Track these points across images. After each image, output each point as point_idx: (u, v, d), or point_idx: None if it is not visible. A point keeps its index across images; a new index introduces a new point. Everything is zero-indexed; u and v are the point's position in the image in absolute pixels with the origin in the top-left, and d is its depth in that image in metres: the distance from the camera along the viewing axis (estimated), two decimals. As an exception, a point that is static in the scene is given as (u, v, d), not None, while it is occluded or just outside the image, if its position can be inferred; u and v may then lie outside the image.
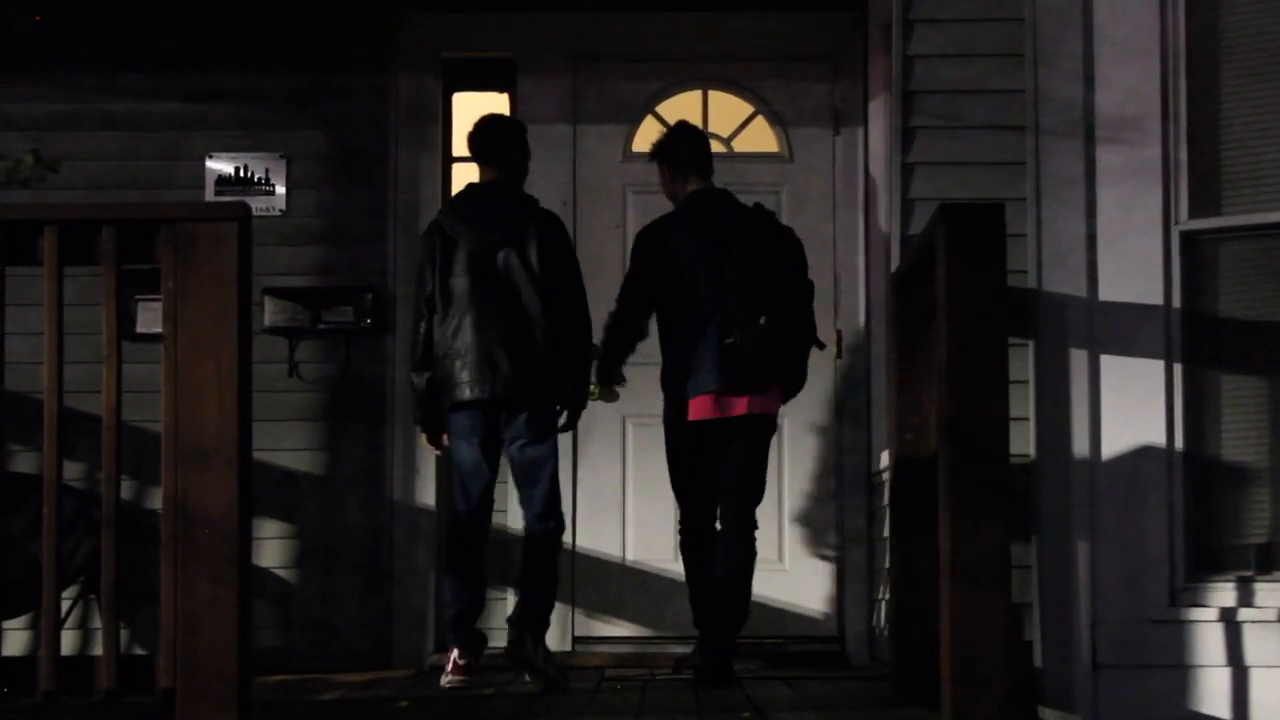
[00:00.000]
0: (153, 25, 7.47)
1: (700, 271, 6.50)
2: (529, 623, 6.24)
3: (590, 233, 7.59)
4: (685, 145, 6.74)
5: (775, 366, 6.44)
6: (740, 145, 7.72)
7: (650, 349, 7.36)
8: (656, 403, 7.38)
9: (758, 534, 6.53)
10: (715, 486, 6.54)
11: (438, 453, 6.65)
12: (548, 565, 6.35)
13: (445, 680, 6.32)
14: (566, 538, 7.27)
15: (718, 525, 6.56)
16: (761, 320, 6.35)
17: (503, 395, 6.26)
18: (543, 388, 6.31)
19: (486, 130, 6.50)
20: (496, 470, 6.41)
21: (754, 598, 6.87)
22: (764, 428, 6.56)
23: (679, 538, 6.75)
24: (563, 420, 6.46)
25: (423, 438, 6.62)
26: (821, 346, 6.64)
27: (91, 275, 4.52)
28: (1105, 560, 5.68)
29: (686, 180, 6.70)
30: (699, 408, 6.48)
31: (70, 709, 5.21)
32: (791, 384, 6.60)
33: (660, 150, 6.78)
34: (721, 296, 6.43)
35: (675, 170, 6.71)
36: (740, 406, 6.44)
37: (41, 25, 7.39)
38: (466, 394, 6.28)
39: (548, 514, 6.34)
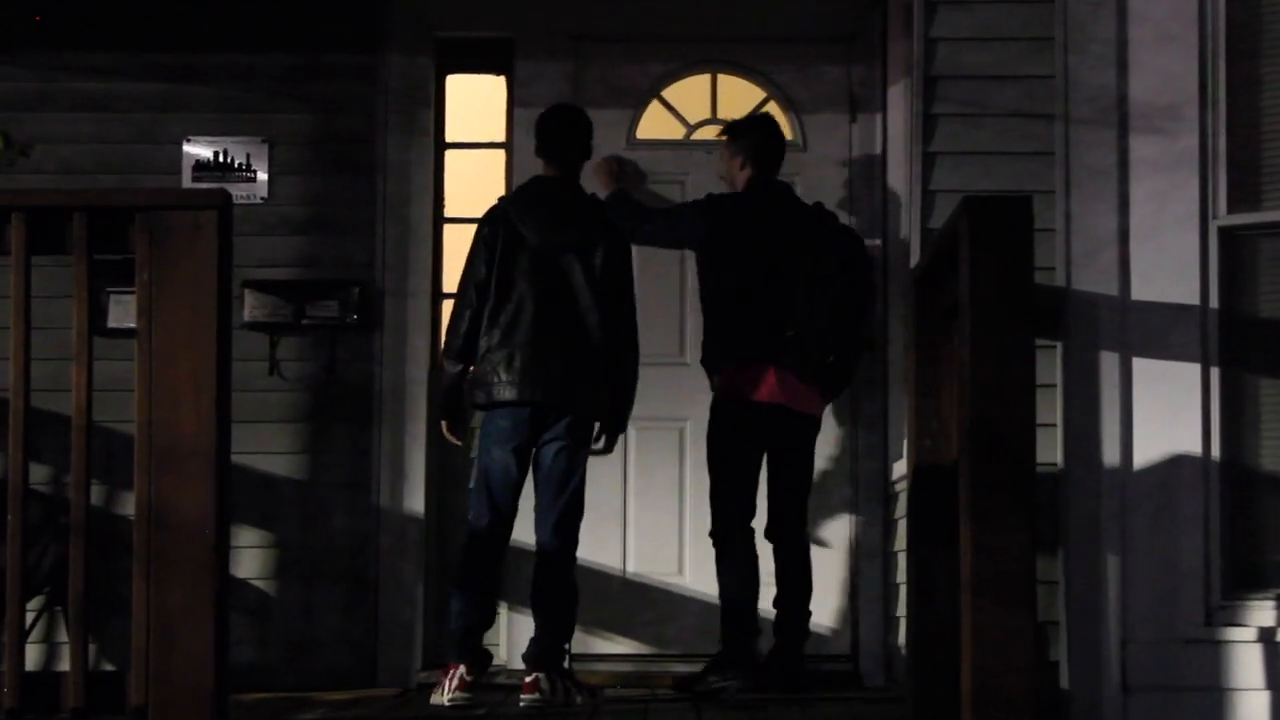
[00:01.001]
0: (128, 0, 7.47)
1: (769, 257, 6.70)
2: (549, 658, 6.27)
3: (591, 224, 7.57)
4: (774, 140, 6.99)
5: (826, 367, 6.69)
6: (750, 132, 7.70)
7: (655, 346, 7.35)
8: (659, 404, 7.38)
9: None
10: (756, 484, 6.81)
11: (458, 443, 6.69)
12: (566, 588, 6.37)
13: (447, 697, 6.33)
14: (564, 548, 7.29)
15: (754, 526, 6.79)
16: (823, 319, 6.61)
17: (548, 402, 6.29)
18: (590, 399, 6.36)
19: (561, 124, 6.57)
20: (525, 479, 6.44)
21: (762, 614, 6.89)
22: (816, 426, 6.92)
23: (721, 538, 6.72)
24: (600, 443, 6.54)
25: (441, 429, 6.66)
26: (870, 351, 6.91)
27: (61, 266, 4.52)
28: (1137, 576, 5.67)
29: (758, 172, 6.95)
30: (769, 389, 6.60)
31: (35, 727, 5.20)
32: (834, 387, 6.90)
33: (742, 134, 6.99)
34: (785, 287, 6.63)
35: (753, 161, 6.93)
36: (805, 398, 6.67)
37: (41, 22, 7.40)
38: (510, 394, 6.30)
39: (563, 529, 6.36)
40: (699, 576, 7.43)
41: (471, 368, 6.45)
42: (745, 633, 6.66)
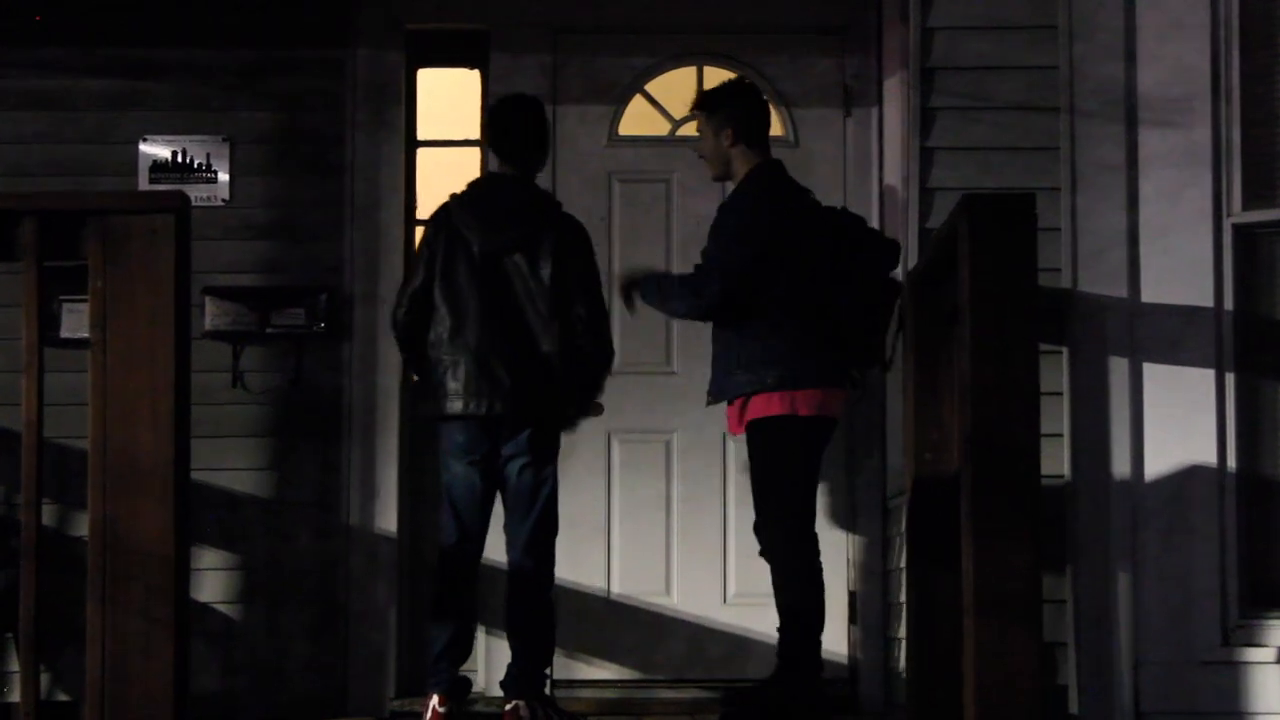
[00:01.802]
0: (80, -8, 7.46)
1: (804, 255, 6.38)
2: (529, 684, 6.25)
3: (571, 226, 7.57)
4: (760, 106, 6.57)
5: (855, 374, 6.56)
6: (739, 128, 7.71)
7: (640, 354, 7.34)
8: (644, 415, 7.37)
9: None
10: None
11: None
12: (542, 609, 6.35)
13: (425, 727, 6.32)
14: (544, 568, 7.27)
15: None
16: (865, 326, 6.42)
17: (502, 414, 6.26)
18: (547, 408, 6.33)
19: (510, 118, 6.52)
20: (494, 495, 6.42)
21: (755, 636, 6.88)
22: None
23: (794, 555, 6.35)
24: (576, 423, 6.57)
25: (387, 456, 6.63)
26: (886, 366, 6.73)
27: (10, 273, 4.50)
28: (1149, 594, 5.68)
29: (748, 148, 6.53)
30: (830, 402, 6.35)
31: (-15, 762, 5.19)
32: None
33: (723, 103, 6.56)
34: (820, 289, 6.37)
35: (743, 132, 6.51)
36: (839, 406, 6.44)
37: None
38: (458, 406, 6.29)
39: (536, 548, 6.33)
40: (687, 597, 7.42)
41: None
42: (812, 633, 6.40)
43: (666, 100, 7.69)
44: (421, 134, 7.69)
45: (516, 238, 6.35)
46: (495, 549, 6.56)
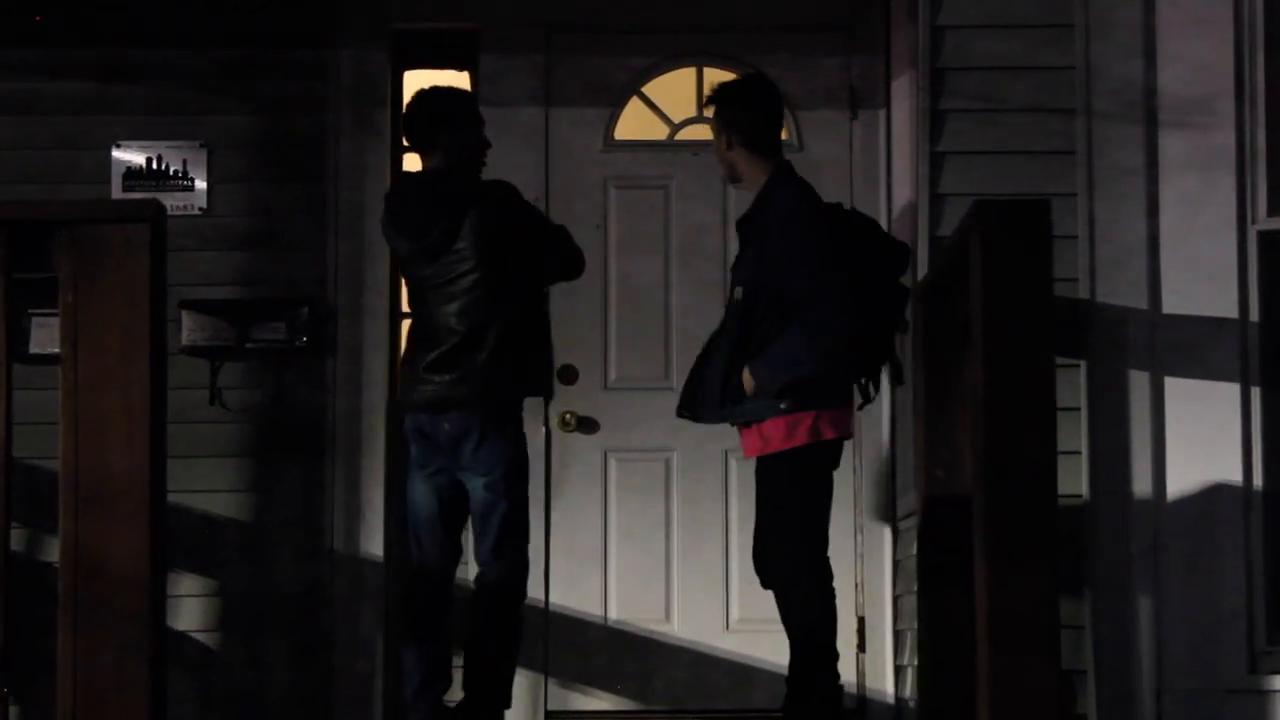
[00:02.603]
0: (50, -9, 7.48)
1: (841, 265, 6.10)
2: (482, 712, 6.19)
3: (565, 234, 7.58)
4: (765, 110, 6.29)
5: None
6: (741, 131, 7.72)
7: (637, 369, 7.35)
8: (642, 433, 7.37)
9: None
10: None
11: None
12: (504, 627, 6.26)
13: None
14: (537, 593, 7.26)
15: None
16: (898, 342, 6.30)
17: (451, 430, 6.22)
18: (497, 404, 6.23)
19: (411, 109, 6.45)
20: (459, 511, 6.37)
21: (760, 664, 6.87)
22: None
23: (816, 587, 6.31)
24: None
25: (372, 476, 6.59)
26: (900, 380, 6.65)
27: (-24, 287, 4.51)
28: (1172, 619, 5.68)
29: (751, 154, 6.26)
30: (848, 419, 6.27)
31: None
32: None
33: (723, 102, 6.32)
34: (851, 302, 6.22)
35: (740, 137, 6.26)
36: (853, 422, 6.30)
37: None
38: (409, 422, 6.30)
39: (503, 553, 6.26)
40: (688, 624, 7.42)
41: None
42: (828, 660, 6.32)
43: (665, 103, 7.70)
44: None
45: (440, 240, 6.19)
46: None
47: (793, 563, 6.16)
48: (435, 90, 6.45)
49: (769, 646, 6.88)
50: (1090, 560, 5.73)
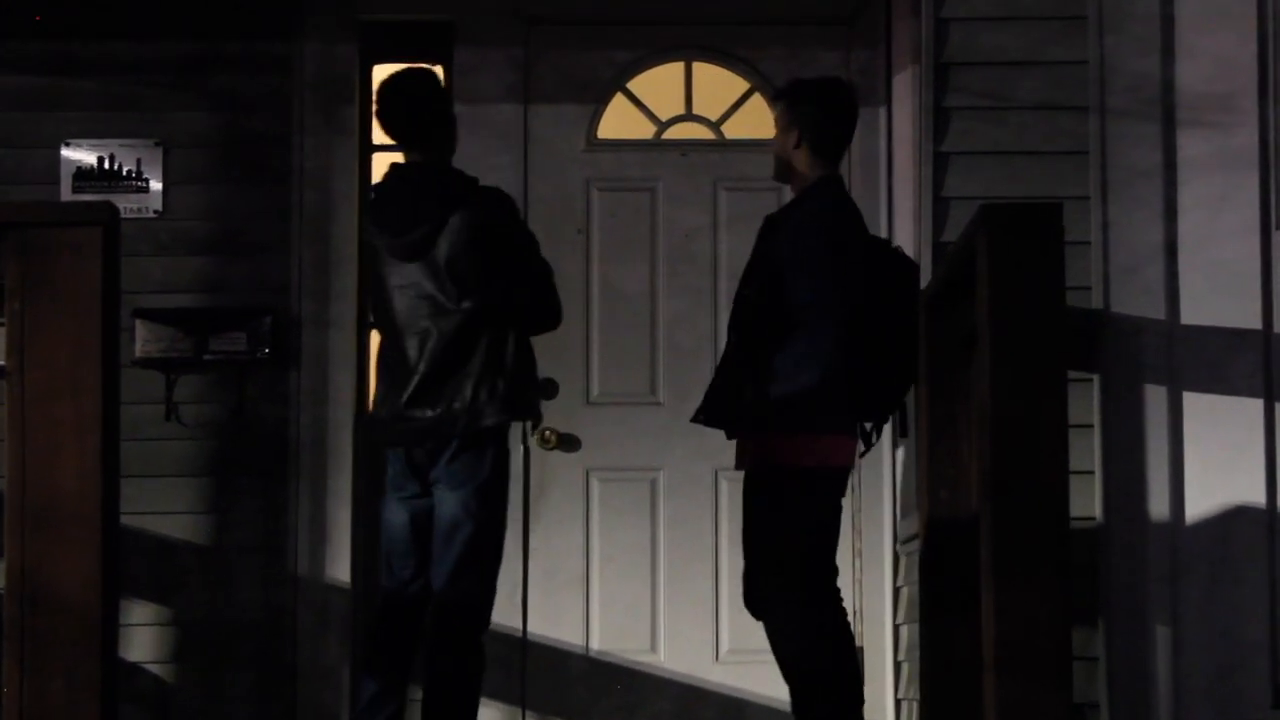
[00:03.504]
0: (-6, -21, 7.48)
1: (865, 287, 6.13)
2: None
3: (544, 240, 7.53)
4: (841, 115, 6.23)
5: None
6: (733, 130, 7.73)
7: (620, 383, 7.36)
8: (627, 451, 7.38)
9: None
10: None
11: None
12: (459, 659, 6.22)
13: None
14: (514, 622, 7.27)
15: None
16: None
17: (430, 447, 6.19)
18: (469, 420, 6.20)
19: (396, 95, 6.35)
20: (426, 534, 6.34)
21: (751, 697, 6.88)
22: None
23: (829, 618, 6.25)
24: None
25: (339, 496, 6.57)
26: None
27: (-84, 294, 4.51)
28: (1191, 649, 5.69)
29: (814, 156, 6.20)
30: (849, 451, 6.22)
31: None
32: None
33: (799, 98, 6.26)
34: (864, 322, 6.13)
35: (809, 137, 6.19)
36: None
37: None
38: (382, 434, 6.26)
39: (461, 579, 6.22)
40: (676, 654, 7.43)
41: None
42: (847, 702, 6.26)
43: (651, 100, 7.71)
44: (378, 138, 7.69)
45: (423, 239, 6.13)
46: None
47: (777, 590, 6.11)
48: (414, 74, 6.36)
49: (762, 679, 6.88)
50: (1104, 586, 5.73)
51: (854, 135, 6.34)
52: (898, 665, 7.33)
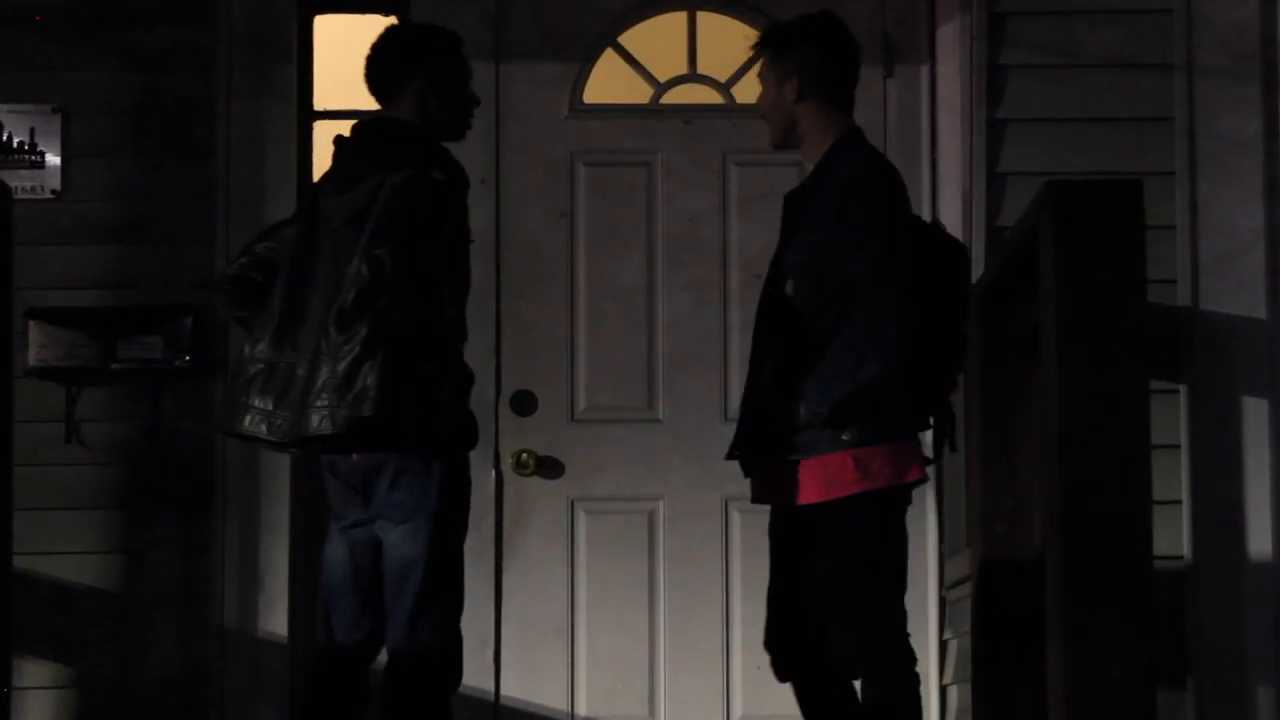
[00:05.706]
0: None
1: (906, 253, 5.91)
2: None
3: (520, 224, 7.57)
4: (843, 52, 6.10)
5: None
6: (744, 94, 7.72)
7: (611, 395, 7.36)
8: (620, 478, 7.38)
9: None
10: None
11: None
12: (418, 713, 6.23)
13: None
14: (484, 682, 7.27)
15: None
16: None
17: (361, 462, 6.17)
18: (396, 433, 6.17)
19: (373, 52, 6.39)
20: (380, 577, 6.32)
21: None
22: None
23: (902, 683, 6.21)
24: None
25: (274, 532, 6.57)
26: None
27: None
28: (1297, 713, 5.70)
29: (823, 106, 6.08)
30: (922, 458, 6.09)
31: None
32: None
33: (792, 41, 6.10)
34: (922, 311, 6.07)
35: (811, 85, 6.05)
36: None
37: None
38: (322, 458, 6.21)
39: (419, 630, 6.20)
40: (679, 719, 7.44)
41: None
42: None
43: (648, 57, 7.71)
44: (320, 102, 7.70)
45: (357, 205, 6.09)
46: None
47: (869, 645, 6.00)
48: (402, 30, 6.41)
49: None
50: (1193, 639, 5.72)
51: (859, 76, 6.16)
52: (945, 732, 7.34)
